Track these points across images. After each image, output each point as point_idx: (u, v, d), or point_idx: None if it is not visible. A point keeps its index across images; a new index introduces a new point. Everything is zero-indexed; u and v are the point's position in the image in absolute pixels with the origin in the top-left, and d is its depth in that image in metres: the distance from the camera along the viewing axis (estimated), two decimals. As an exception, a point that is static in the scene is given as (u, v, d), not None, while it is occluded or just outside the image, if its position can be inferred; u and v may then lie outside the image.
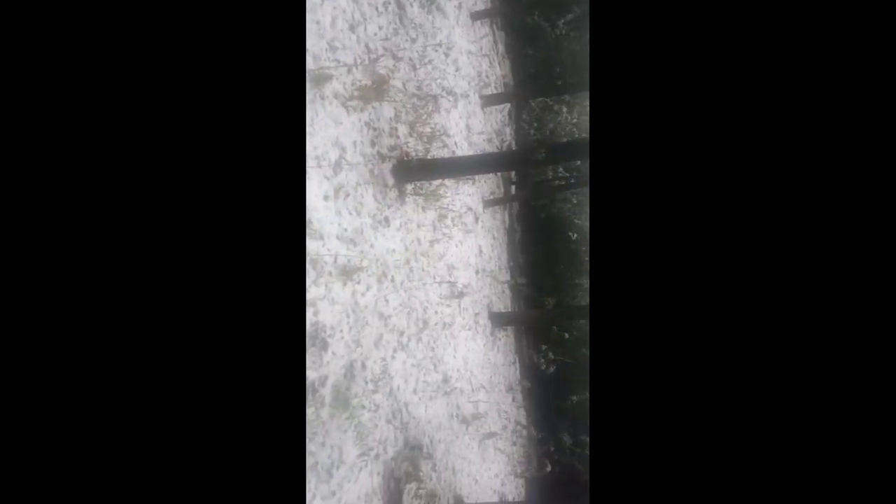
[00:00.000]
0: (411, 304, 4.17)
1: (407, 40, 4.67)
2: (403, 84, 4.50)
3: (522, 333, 8.03)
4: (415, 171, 4.19)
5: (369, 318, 3.46)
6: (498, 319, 6.59)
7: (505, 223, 8.01)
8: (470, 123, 6.59)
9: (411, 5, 4.83)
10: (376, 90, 3.62)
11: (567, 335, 8.43)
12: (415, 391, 4.03)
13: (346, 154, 3.47)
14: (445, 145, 5.35)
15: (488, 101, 7.31)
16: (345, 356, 3.12)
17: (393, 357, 3.73)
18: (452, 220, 5.38)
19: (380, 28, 4.14)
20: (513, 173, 8.02)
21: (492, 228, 7.19)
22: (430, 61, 5.11)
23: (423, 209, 4.61)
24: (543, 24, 8.62)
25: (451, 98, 5.72)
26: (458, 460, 4.76)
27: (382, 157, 3.94)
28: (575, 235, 8.97)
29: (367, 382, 3.30)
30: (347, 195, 3.43)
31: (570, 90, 8.42)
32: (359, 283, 3.38)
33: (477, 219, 6.50)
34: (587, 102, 9.44)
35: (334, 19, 3.49)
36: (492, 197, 7.31)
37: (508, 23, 8.53)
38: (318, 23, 3.29)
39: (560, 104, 8.91)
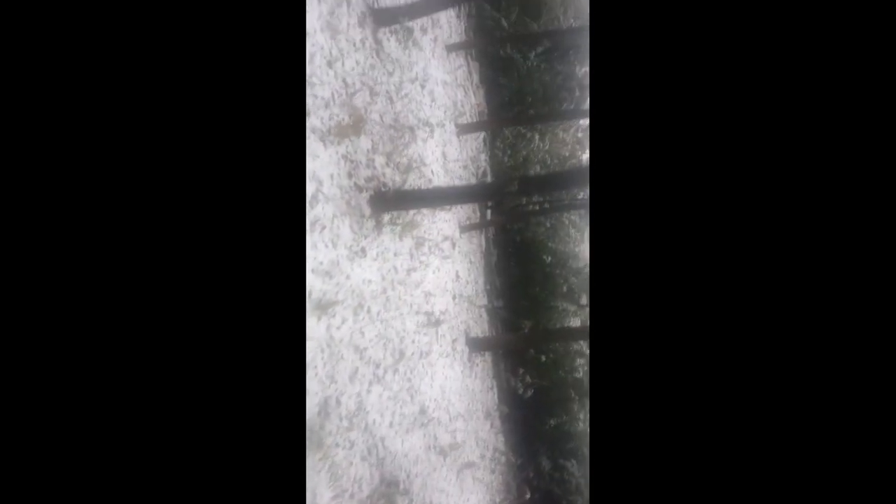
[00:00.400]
0: (388, 335, 4.14)
1: (384, 74, 4.76)
2: (380, 116, 4.57)
3: (500, 357, 8.04)
4: (391, 202, 4.23)
5: (344, 351, 3.42)
6: (475, 344, 6.59)
7: (481, 247, 8.09)
8: (446, 151, 6.71)
9: (388, 40, 4.95)
10: (353, 127, 3.66)
11: (544, 357, 8.49)
12: (391, 424, 3.97)
13: (323, 187, 3.48)
14: (422, 174, 5.42)
15: (463, 129, 7.48)
16: (318, 393, 3.07)
17: (368, 391, 3.68)
18: (429, 247, 5.41)
19: (357, 63, 4.22)
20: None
21: (468, 253, 7.25)
22: (406, 94, 5.21)
23: (400, 238, 4.63)
24: (516, 55, 8.94)
25: (427, 128, 5.83)
26: (436, 493, 4.67)
27: (359, 189, 3.96)
28: (549, 258, 9.13)
29: (341, 419, 3.24)
30: (324, 227, 3.42)
31: (541, 119, 8.71)
32: (334, 316, 3.35)
33: (454, 244, 6.56)
34: (559, 130, 9.76)
35: (312, 56, 3.54)
36: (468, 222, 7.40)
37: (483, 54, 8.81)
38: (295, 59, 3.33)
39: (532, 132, 9.18)
